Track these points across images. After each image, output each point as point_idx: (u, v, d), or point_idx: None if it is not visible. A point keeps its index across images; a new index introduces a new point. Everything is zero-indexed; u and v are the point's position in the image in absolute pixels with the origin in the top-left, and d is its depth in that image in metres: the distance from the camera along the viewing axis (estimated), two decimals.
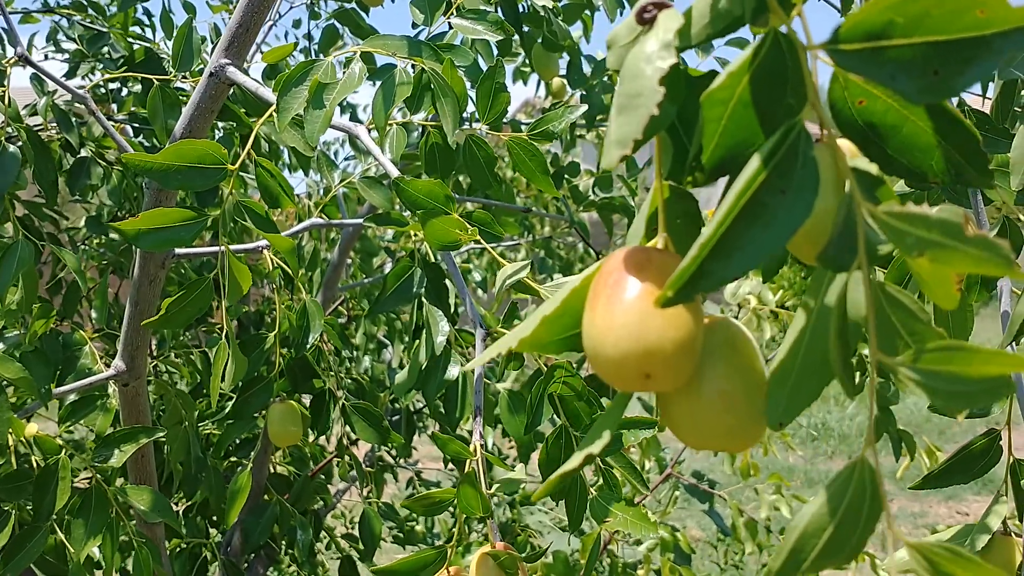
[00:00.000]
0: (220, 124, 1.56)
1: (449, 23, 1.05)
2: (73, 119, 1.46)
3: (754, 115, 0.32)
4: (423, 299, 1.11)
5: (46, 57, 1.90)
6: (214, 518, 1.80)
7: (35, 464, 1.09)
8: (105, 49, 1.65)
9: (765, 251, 0.29)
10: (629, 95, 0.32)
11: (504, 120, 1.06)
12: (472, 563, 0.76)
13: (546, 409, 0.90)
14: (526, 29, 1.42)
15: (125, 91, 1.77)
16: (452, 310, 1.13)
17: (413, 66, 0.93)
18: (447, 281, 1.13)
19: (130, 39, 1.60)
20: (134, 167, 0.81)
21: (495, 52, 1.22)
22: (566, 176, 1.86)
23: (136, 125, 1.60)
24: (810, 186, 0.30)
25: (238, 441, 1.79)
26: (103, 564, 1.09)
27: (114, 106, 1.72)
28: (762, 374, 0.37)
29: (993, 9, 0.27)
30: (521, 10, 1.40)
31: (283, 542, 1.93)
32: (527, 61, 1.84)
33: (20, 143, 1.20)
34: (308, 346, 1.27)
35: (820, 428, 6.31)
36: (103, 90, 1.72)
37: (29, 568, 1.12)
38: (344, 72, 0.86)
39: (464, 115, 1.09)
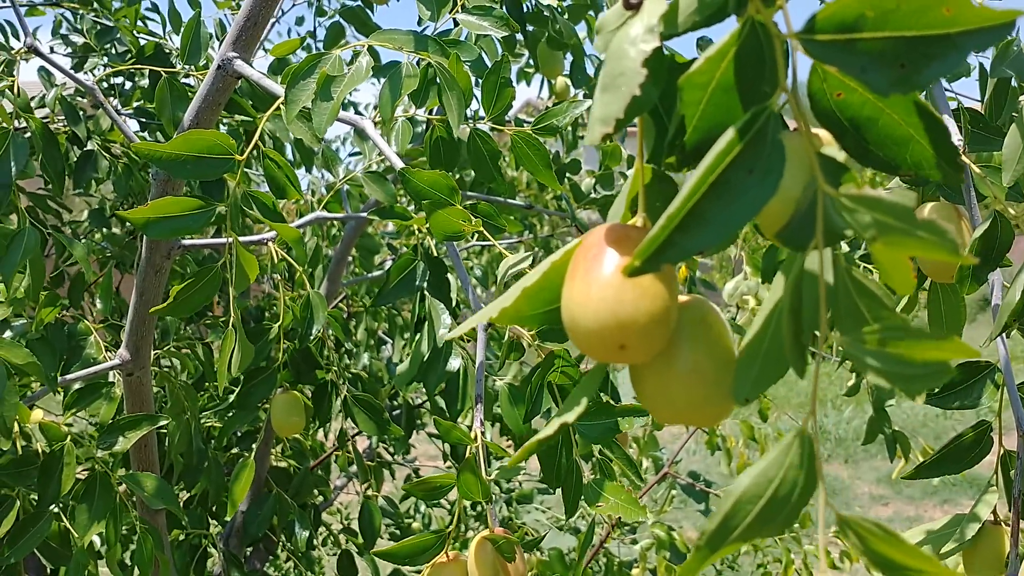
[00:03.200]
0: (224, 121, 1.57)
1: (455, 19, 1.07)
2: (80, 112, 1.48)
3: (736, 99, 0.34)
4: (425, 292, 1.13)
5: (51, 51, 1.92)
6: (214, 510, 1.82)
7: (40, 451, 1.10)
8: (110, 45, 1.67)
9: (730, 227, 0.31)
10: (612, 75, 0.33)
11: (507, 119, 1.08)
12: (471, 547, 0.77)
13: (545, 398, 0.92)
14: (530, 28, 1.44)
15: (130, 86, 1.79)
16: (454, 303, 1.14)
17: (419, 61, 0.95)
18: (449, 275, 1.15)
19: (137, 33, 1.62)
20: (144, 156, 0.83)
21: (499, 49, 1.24)
22: (567, 174, 1.88)
23: (142, 120, 1.61)
24: (776, 168, 0.31)
25: (239, 434, 1.80)
26: (107, 546, 1.11)
27: (118, 102, 1.73)
28: (732, 351, 0.38)
29: (959, 8, 0.28)
30: (525, 9, 1.42)
31: (281, 536, 1.95)
32: (531, 62, 1.85)
33: (29, 133, 1.22)
34: (312, 337, 1.28)
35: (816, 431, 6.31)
36: (106, 85, 1.73)
37: (32, 553, 1.13)
38: (351, 66, 0.88)
39: (468, 112, 1.11)
